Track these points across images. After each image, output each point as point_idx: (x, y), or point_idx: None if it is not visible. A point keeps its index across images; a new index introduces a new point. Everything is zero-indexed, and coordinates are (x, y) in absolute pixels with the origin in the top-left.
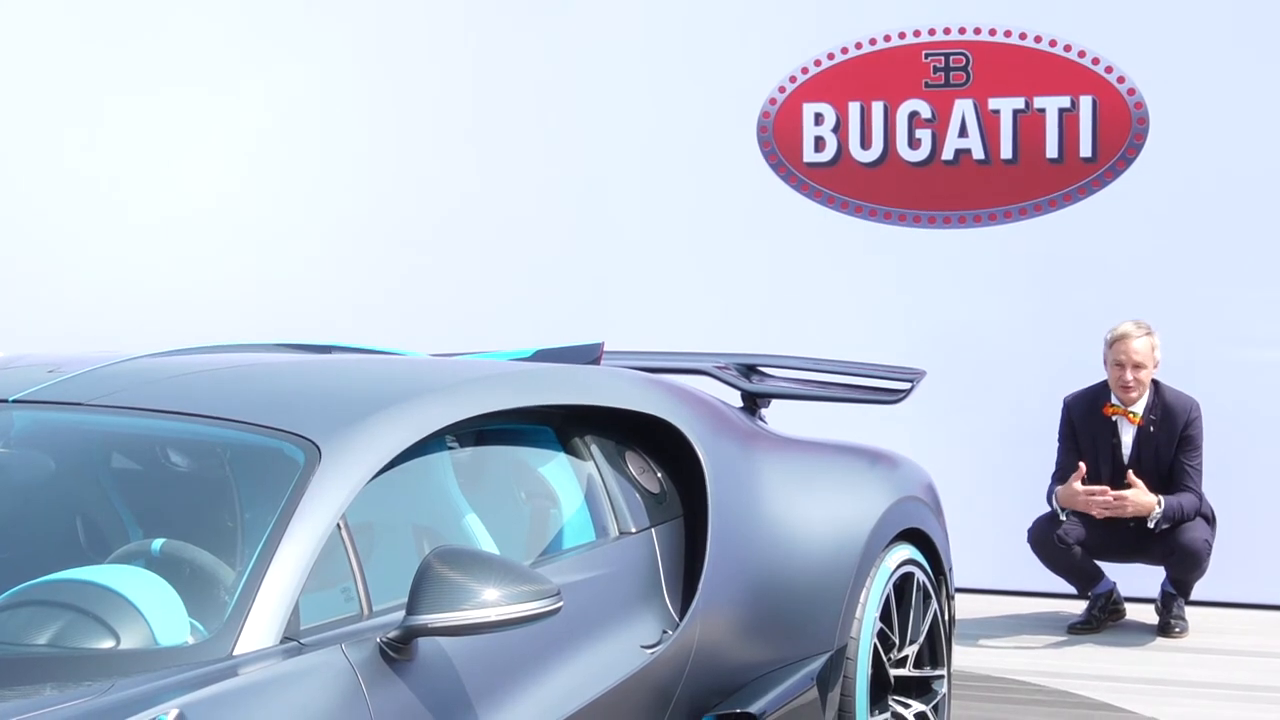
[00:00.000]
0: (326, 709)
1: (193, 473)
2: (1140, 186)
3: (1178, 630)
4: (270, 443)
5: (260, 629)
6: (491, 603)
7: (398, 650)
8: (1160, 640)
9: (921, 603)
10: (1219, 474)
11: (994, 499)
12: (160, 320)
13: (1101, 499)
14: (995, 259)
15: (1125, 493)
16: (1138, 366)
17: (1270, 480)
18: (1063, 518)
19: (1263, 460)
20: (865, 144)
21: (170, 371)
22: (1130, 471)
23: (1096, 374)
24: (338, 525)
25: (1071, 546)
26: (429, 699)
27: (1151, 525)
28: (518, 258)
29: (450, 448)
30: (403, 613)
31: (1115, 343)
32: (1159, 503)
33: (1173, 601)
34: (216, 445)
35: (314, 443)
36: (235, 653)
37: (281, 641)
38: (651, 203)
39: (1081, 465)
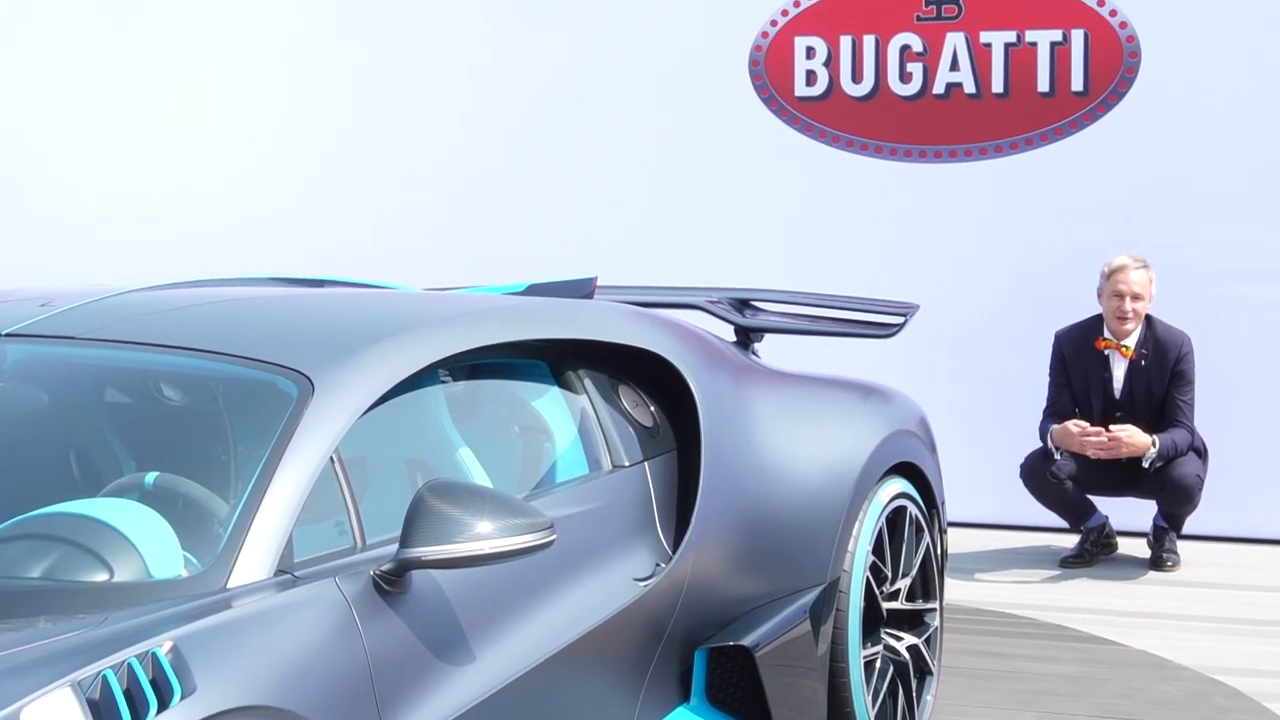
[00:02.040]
0: (320, 641)
1: (186, 406)
2: (1132, 120)
3: (1169, 564)
4: (263, 376)
5: (254, 562)
6: (484, 535)
7: (391, 583)
8: (1152, 574)
9: (914, 536)
10: (1211, 408)
11: (987, 433)
12: (149, 254)
13: (1096, 439)
14: (986, 193)
15: (1120, 433)
16: (1136, 298)
17: (1261, 415)
18: (1057, 456)
19: (1254, 395)
20: (856, 78)
21: (163, 305)
22: (1119, 415)
23: (1089, 308)
24: (331, 459)
25: (1063, 481)
26: (422, 631)
27: (1146, 465)
28: (511, 193)
29: (443, 381)
30: (396, 546)
31: (1113, 274)
32: (1154, 442)
33: (1165, 535)
34: (210, 379)
35: (307, 376)
36: (229, 586)
37: (275, 574)
38: (644, 137)
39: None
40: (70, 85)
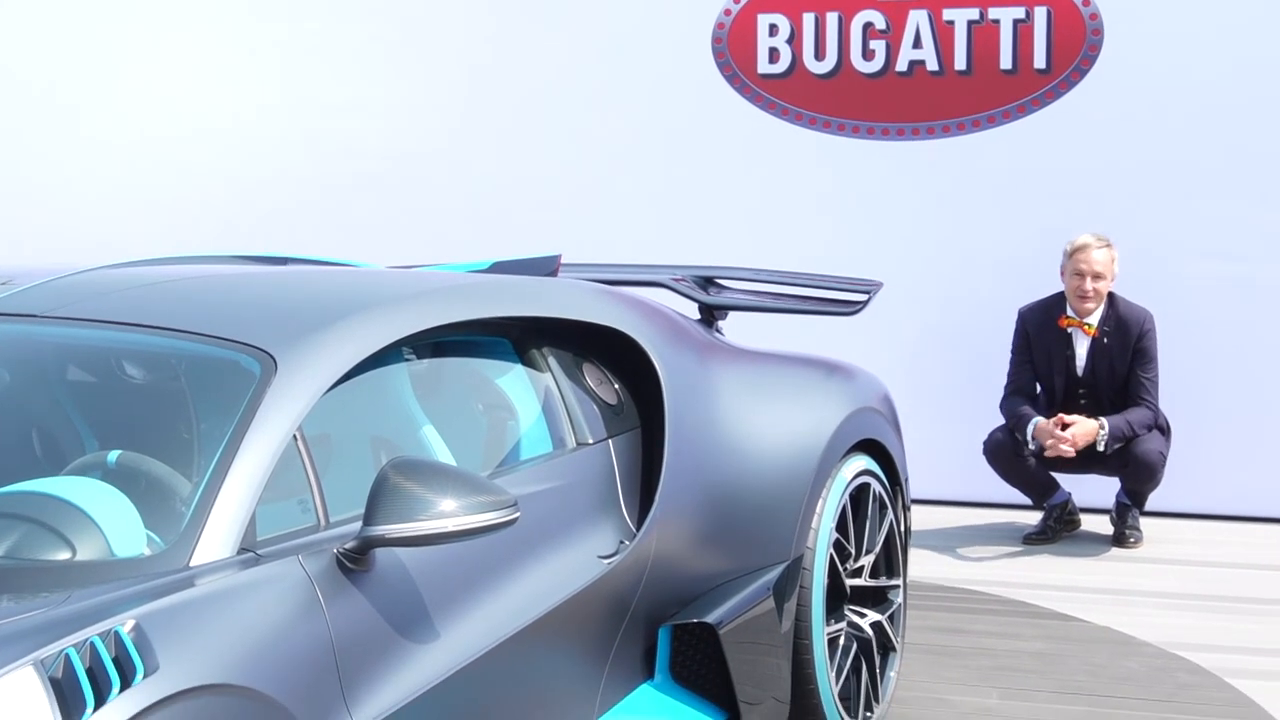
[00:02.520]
0: (283, 619)
1: (148, 385)
2: (1095, 98)
3: (1132, 540)
4: (226, 354)
5: (216, 540)
6: (448, 513)
7: (354, 561)
8: (1115, 550)
9: (877, 513)
10: (1174, 386)
11: (950, 410)
12: (113, 232)
13: (1051, 440)
14: (949, 170)
15: (1069, 430)
16: (1097, 276)
17: (1224, 392)
18: (1031, 447)
19: (1217, 372)
20: (819, 55)
21: (125, 283)
22: (1081, 392)
23: (1051, 286)
24: (294, 437)
25: (1027, 458)
26: (386, 609)
27: (1102, 448)
28: (476, 172)
29: (407, 359)
30: (360, 524)
31: (1075, 253)
32: (1101, 425)
33: (1127, 512)
34: (172, 357)
35: (270, 354)
36: (191, 564)
37: (238, 553)
38: (607, 114)
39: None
40: (54, 75)
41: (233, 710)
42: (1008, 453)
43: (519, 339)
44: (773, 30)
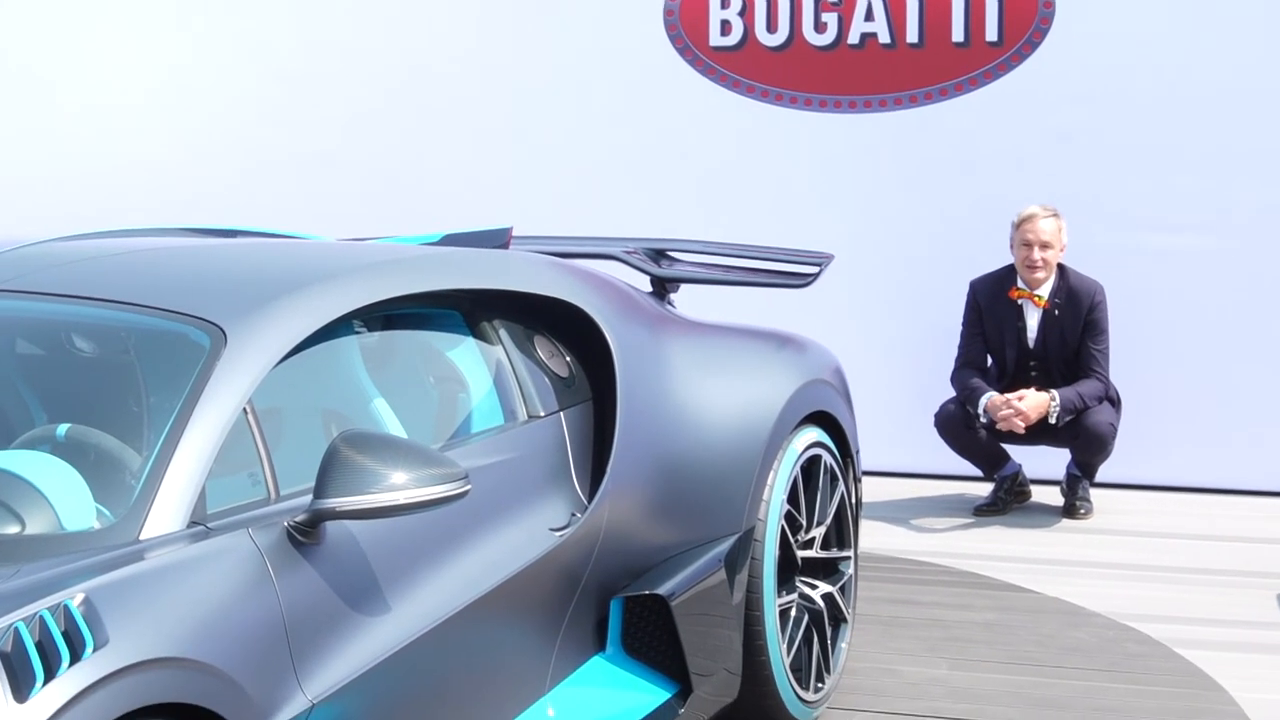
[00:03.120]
0: (233, 592)
1: (98, 358)
2: (1046, 71)
3: (1082, 512)
4: (176, 327)
5: (166, 514)
6: (399, 486)
7: (305, 534)
8: (1065, 521)
9: (829, 485)
10: (1124, 358)
11: (901, 382)
12: (63, 204)
13: (1003, 412)
14: (901, 143)
15: (1020, 403)
16: (1045, 246)
17: (1174, 364)
18: (983, 420)
19: (1167, 344)
20: (771, 28)
21: (74, 256)
22: (1032, 364)
23: (1002, 258)
24: (244, 410)
25: (978, 430)
26: (336, 582)
27: (1053, 421)
28: (427, 144)
29: (358, 332)
30: (310, 497)
31: (1023, 223)
32: (1053, 397)
33: (1078, 483)
34: (121, 330)
35: (219, 327)
36: (141, 537)
37: (188, 526)
38: (559, 88)
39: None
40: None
41: (183, 684)
42: (958, 425)
43: (470, 311)
44: (724, 2)
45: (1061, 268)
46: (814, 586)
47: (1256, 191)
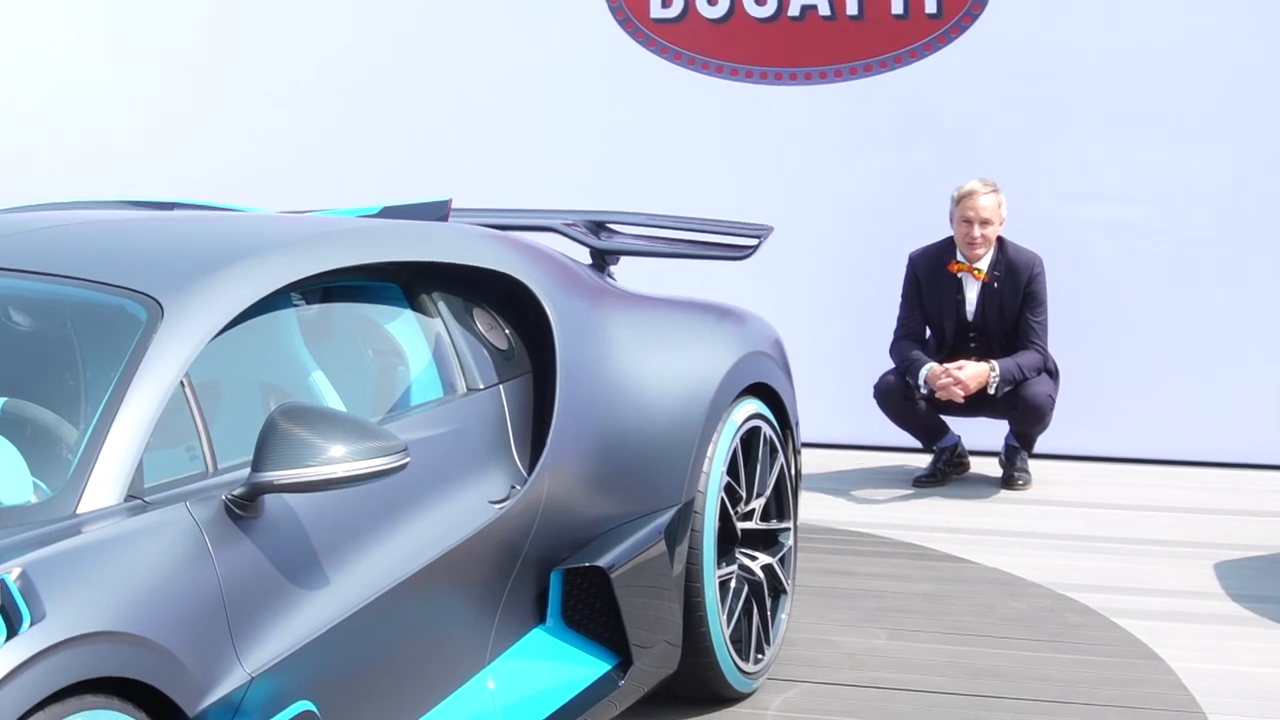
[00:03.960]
0: (171, 566)
1: (34, 331)
2: (985, 43)
3: (1021, 483)
4: (112, 300)
5: (103, 487)
6: (337, 459)
7: (243, 507)
8: (1004, 492)
9: (768, 457)
10: (1062, 330)
11: (841, 354)
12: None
13: (944, 382)
14: (841, 116)
15: (959, 372)
16: (984, 223)
17: (1112, 335)
18: (923, 391)
19: (1104, 316)
20: (712, 0)
21: (10, 229)
22: (971, 336)
23: (941, 230)
24: (181, 383)
25: (917, 401)
26: (275, 555)
27: (992, 391)
28: (366, 117)
29: (296, 305)
30: (248, 470)
31: (962, 199)
32: (992, 367)
33: (1016, 455)
34: (58, 303)
35: (156, 300)
36: (78, 511)
37: (125, 500)
38: (499, 60)
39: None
40: None
41: (120, 657)
42: (898, 396)
43: (409, 284)
44: None
45: (1000, 240)
46: (753, 558)
47: (1195, 163)
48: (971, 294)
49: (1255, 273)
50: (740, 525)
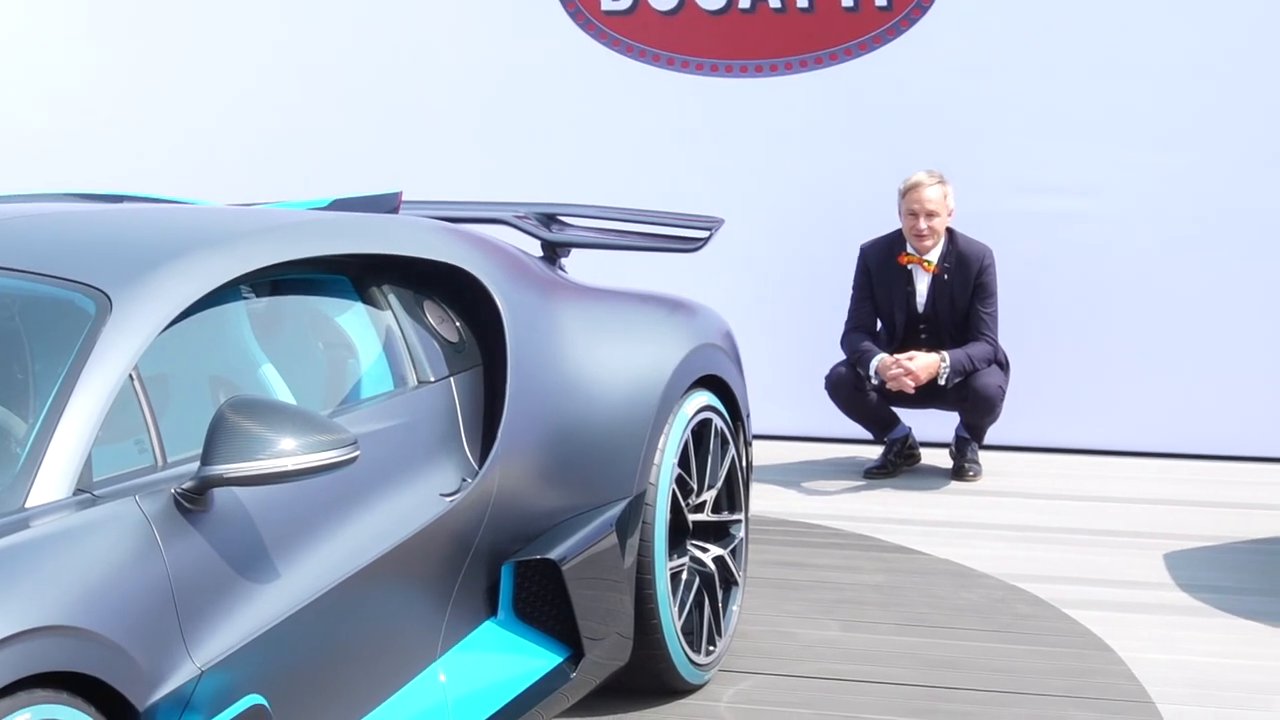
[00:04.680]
0: (120, 560)
1: None
2: (935, 35)
3: (971, 474)
4: (60, 293)
5: (52, 481)
6: (287, 452)
7: (192, 501)
8: (954, 484)
9: (719, 448)
10: (1012, 321)
11: (792, 346)
12: None
13: (895, 372)
14: (792, 108)
15: (908, 364)
16: (931, 215)
17: (1061, 327)
18: (874, 382)
19: (1054, 307)
20: None
21: None
22: (922, 327)
23: (891, 222)
24: (130, 376)
25: (868, 392)
26: (225, 549)
27: (943, 382)
28: (314, 109)
29: (246, 298)
30: (198, 464)
31: (908, 192)
32: (943, 358)
33: (967, 446)
34: (6, 296)
35: (105, 293)
36: (26, 505)
37: (74, 494)
38: (450, 52)
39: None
40: None
41: (69, 652)
42: (849, 387)
43: (359, 277)
44: None
45: (950, 232)
46: (705, 550)
47: (1143, 155)
48: (922, 286)
49: (1204, 264)
50: (692, 517)
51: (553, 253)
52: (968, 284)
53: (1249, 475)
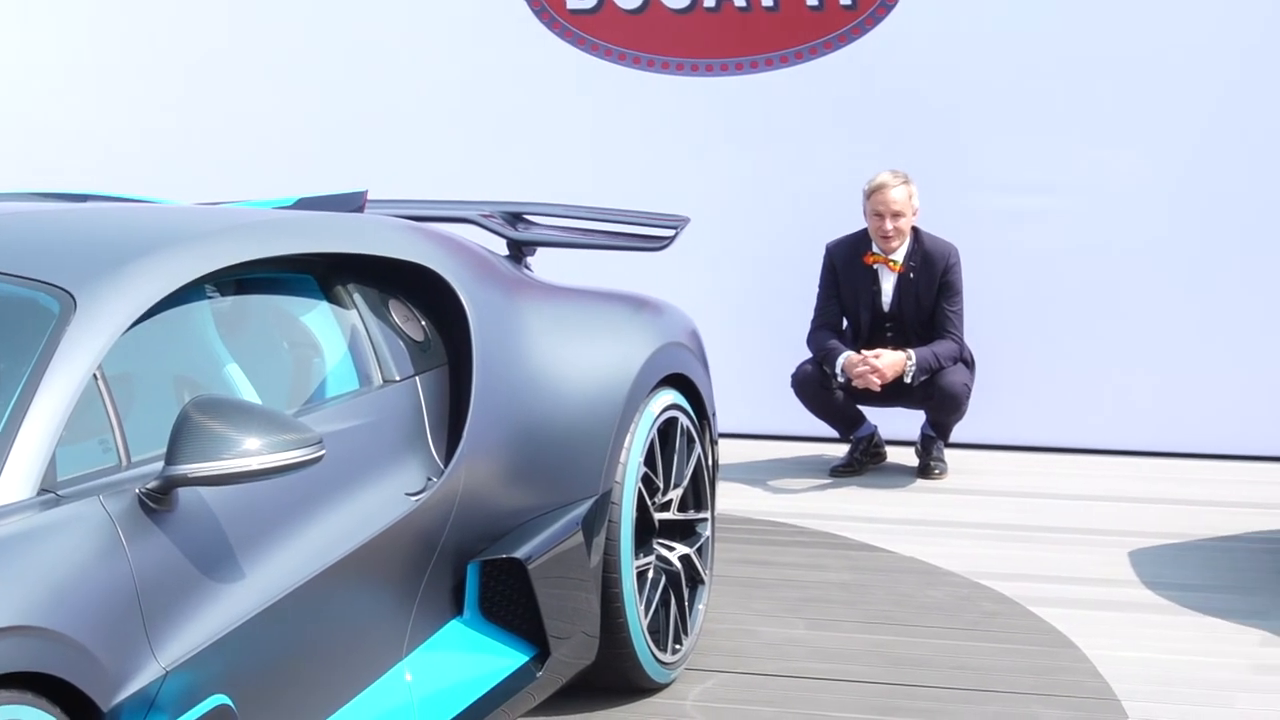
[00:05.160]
0: (85, 560)
1: None
2: (900, 34)
3: (937, 472)
4: (24, 293)
5: (15, 481)
6: (252, 452)
7: (157, 501)
8: (920, 482)
9: (685, 447)
10: (977, 319)
11: (757, 344)
12: None
13: (861, 370)
14: (757, 106)
15: (875, 361)
16: (896, 215)
17: (1027, 325)
18: (840, 380)
19: (1019, 305)
20: None
21: None
22: (888, 326)
23: (857, 221)
24: (94, 376)
25: (834, 390)
26: (189, 549)
27: (909, 380)
28: (279, 107)
29: (210, 297)
30: (162, 463)
31: (873, 193)
32: (909, 356)
33: (932, 444)
34: None
35: (69, 292)
36: None
37: (38, 494)
38: (414, 51)
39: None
40: None
41: (33, 652)
42: (815, 385)
43: (324, 276)
44: None
45: (916, 231)
46: (671, 548)
47: (1108, 153)
48: (887, 285)
49: (1165, 261)
50: (658, 516)
51: (518, 252)
52: (933, 283)
53: (1214, 473)
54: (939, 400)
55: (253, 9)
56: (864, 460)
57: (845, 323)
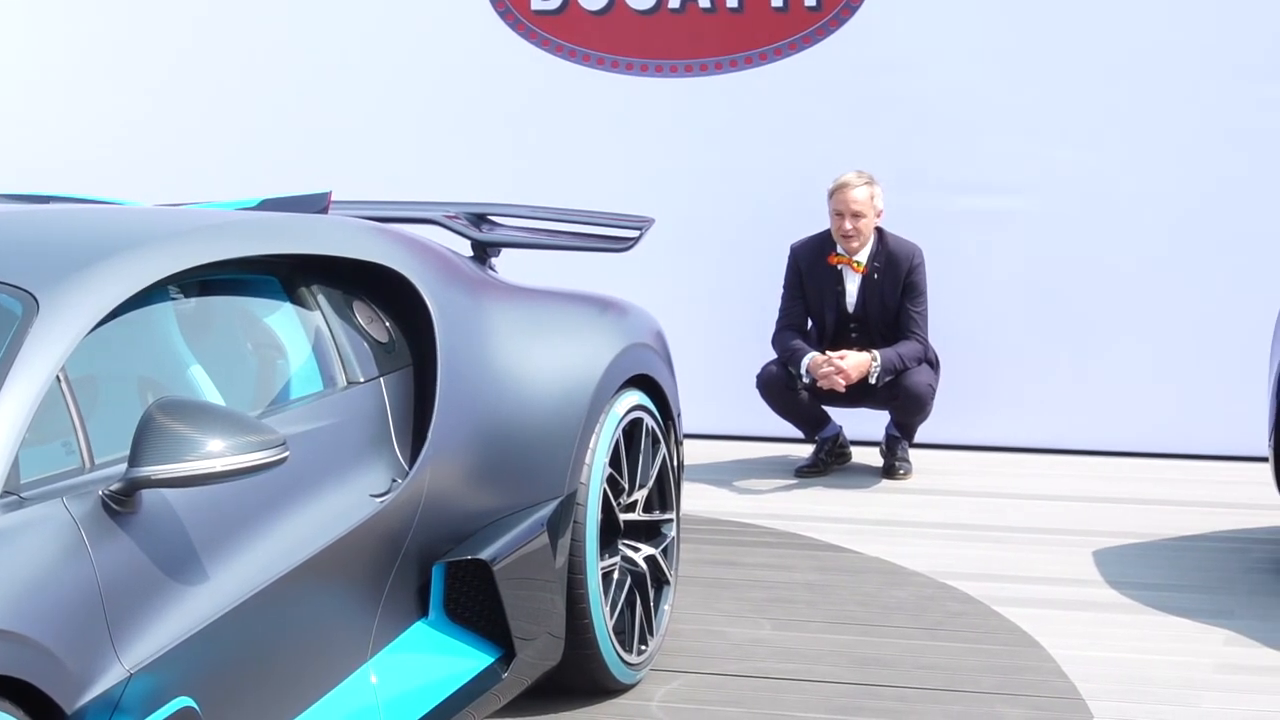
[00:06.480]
0: (48, 562)
1: None
2: (864, 35)
3: (902, 472)
4: None
5: None
6: (216, 454)
7: (120, 502)
8: (885, 482)
9: (650, 448)
10: (943, 320)
11: (722, 345)
12: None
13: (825, 371)
14: (721, 107)
15: (840, 363)
16: (857, 215)
17: (991, 325)
18: (805, 381)
19: (984, 306)
20: None
21: None
22: (852, 326)
23: (822, 222)
24: (57, 378)
25: (799, 391)
26: (153, 551)
27: (874, 381)
28: (243, 108)
29: (174, 298)
30: (125, 465)
31: (835, 192)
32: (874, 357)
33: (897, 444)
34: None
35: (31, 294)
36: None
37: (1, 496)
38: (380, 51)
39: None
40: None
41: None
42: (780, 386)
43: (288, 277)
44: None
45: (880, 232)
46: (636, 549)
47: (1073, 153)
48: (852, 285)
49: (1132, 262)
50: (623, 517)
51: (483, 253)
52: (897, 283)
53: (1178, 472)
54: (904, 401)
55: (218, 12)
56: (829, 461)
57: (810, 323)
